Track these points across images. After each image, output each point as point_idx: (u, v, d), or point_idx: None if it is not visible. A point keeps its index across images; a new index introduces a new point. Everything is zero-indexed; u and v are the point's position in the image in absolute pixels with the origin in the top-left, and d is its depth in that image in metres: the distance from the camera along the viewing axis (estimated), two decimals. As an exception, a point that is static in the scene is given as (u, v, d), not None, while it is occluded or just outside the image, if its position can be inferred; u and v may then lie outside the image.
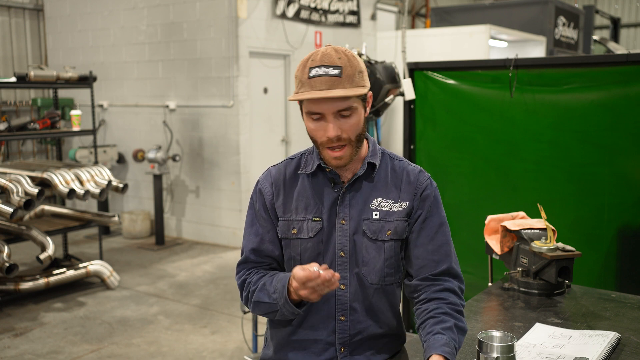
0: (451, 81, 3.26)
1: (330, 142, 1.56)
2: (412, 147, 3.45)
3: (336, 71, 1.51)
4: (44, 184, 4.84)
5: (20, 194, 4.45)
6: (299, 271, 1.48)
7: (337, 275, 1.47)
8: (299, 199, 1.69)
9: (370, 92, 1.62)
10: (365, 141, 1.71)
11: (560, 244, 2.05)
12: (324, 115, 1.55)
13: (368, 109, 1.63)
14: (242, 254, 1.75)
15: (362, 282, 1.66)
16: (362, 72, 1.57)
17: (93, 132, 5.46)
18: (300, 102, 1.60)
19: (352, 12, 7.96)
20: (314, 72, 1.52)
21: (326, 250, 1.66)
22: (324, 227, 1.65)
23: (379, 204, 1.66)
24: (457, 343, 1.51)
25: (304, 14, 7.13)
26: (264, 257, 1.72)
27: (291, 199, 1.69)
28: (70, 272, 5.03)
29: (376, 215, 1.65)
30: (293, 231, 1.67)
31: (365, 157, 1.68)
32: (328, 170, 1.66)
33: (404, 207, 1.66)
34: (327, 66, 1.52)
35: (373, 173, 1.68)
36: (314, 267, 1.46)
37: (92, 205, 7.29)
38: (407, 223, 1.67)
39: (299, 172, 1.71)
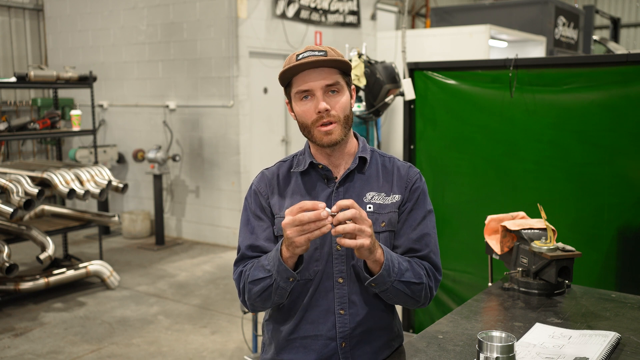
0: (451, 81, 3.26)
1: (321, 118, 1.63)
2: (412, 147, 3.45)
3: (322, 53, 1.63)
4: (44, 184, 4.84)
5: (20, 194, 4.45)
6: (292, 207, 1.47)
7: (330, 219, 1.44)
8: (293, 196, 1.72)
9: (354, 86, 1.73)
10: (355, 139, 1.79)
11: (560, 244, 2.05)
12: (313, 92, 1.63)
13: (353, 102, 1.71)
14: (238, 252, 1.77)
15: (359, 275, 1.67)
16: (344, 59, 1.67)
17: (93, 132, 5.47)
18: (289, 89, 1.67)
19: (352, 12, 7.96)
20: (301, 55, 1.63)
21: (323, 244, 1.68)
22: None
23: (372, 197, 1.71)
24: (402, 266, 1.61)
25: (304, 14, 7.13)
26: (260, 252, 1.73)
27: (286, 197, 1.73)
28: (70, 272, 5.03)
29: (370, 208, 1.70)
30: None
31: (356, 152, 1.75)
32: (320, 167, 1.71)
33: (396, 200, 1.72)
34: (313, 50, 1.64)
35: (364, 168, 1.74)
36: (321, 203, 1.45)
37: (92, 205, 7.29)
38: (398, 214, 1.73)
39: (291, 170, 1.76)
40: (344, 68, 1.66)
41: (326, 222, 1.44)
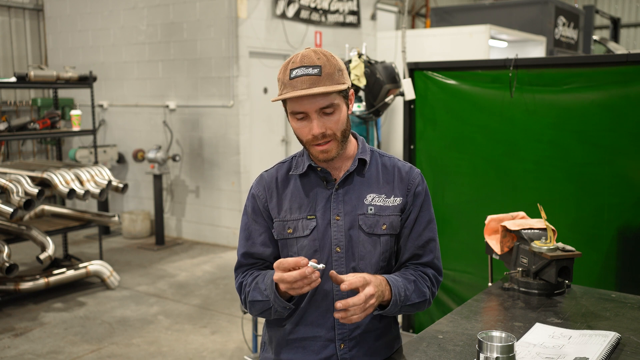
0: (451, 81, 3.26)
1: (316, 140, 1.61)
2: (412, 147, 3.45)
3: (315, 70, 1.56)
4: (44, 184, 4.84)
5: (20, 194, 4.45)
6: (278, 262, 1.50)
7: (316, 273, 1.48)
8: (292, 199, 1.72)
9: (352, 90, 1.68)
10: (354, 140, 1.76)
11: (560, 244, 2.05)
12: (308, 114, 1.59)
13: (351, 106, 1.69)
14: (237, 259, 1.79)
15: None
16: (341, 70, 1.62)
17: (93, 132, 5.47)
18: (285, 103, 1.64)
19: (352, 12, 7.96)
20: (294, 73, 1.57)
21: (322, 246, 1.68)
22: (319, 224, 1.68)
23: (373, 199, 1.70)
24: (408, 291, 1.65)
25: (304, 14, 7.13)
26: (257, 259, 1.75)
27: (284, 200, 1.73)
28: (70, 272, 5.03)
29: (371, 210, 1.69)
30: (288, 231, 1.70)
31: (355, 154, 1.73)
32: (319, 169, 1.70)
33: (398, 203, 1.71)
34: (307, 66, 1.57)
35: (364, 169, 1.73)
36: (303, 260, 1.48)
37: (92, 205, 7.29)
38: (400, 218, 1.72)
39: (290, 173, 1.75)
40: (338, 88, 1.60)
41: (313, 278, 1.47)
